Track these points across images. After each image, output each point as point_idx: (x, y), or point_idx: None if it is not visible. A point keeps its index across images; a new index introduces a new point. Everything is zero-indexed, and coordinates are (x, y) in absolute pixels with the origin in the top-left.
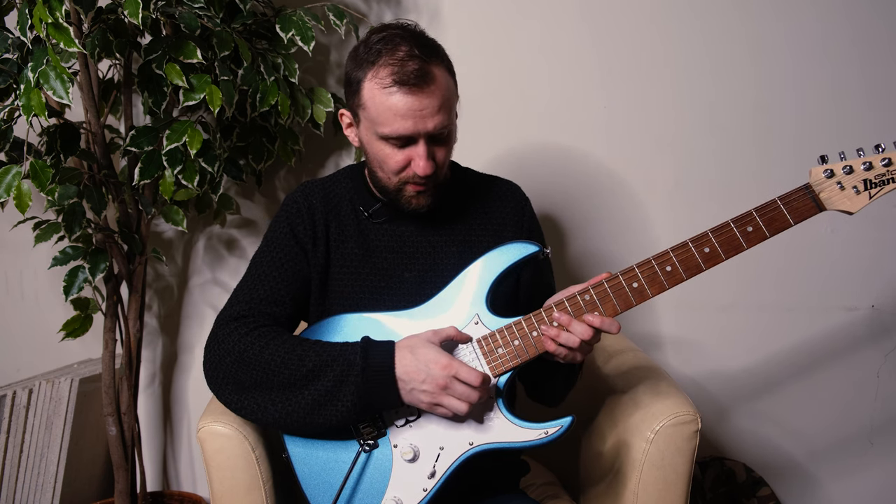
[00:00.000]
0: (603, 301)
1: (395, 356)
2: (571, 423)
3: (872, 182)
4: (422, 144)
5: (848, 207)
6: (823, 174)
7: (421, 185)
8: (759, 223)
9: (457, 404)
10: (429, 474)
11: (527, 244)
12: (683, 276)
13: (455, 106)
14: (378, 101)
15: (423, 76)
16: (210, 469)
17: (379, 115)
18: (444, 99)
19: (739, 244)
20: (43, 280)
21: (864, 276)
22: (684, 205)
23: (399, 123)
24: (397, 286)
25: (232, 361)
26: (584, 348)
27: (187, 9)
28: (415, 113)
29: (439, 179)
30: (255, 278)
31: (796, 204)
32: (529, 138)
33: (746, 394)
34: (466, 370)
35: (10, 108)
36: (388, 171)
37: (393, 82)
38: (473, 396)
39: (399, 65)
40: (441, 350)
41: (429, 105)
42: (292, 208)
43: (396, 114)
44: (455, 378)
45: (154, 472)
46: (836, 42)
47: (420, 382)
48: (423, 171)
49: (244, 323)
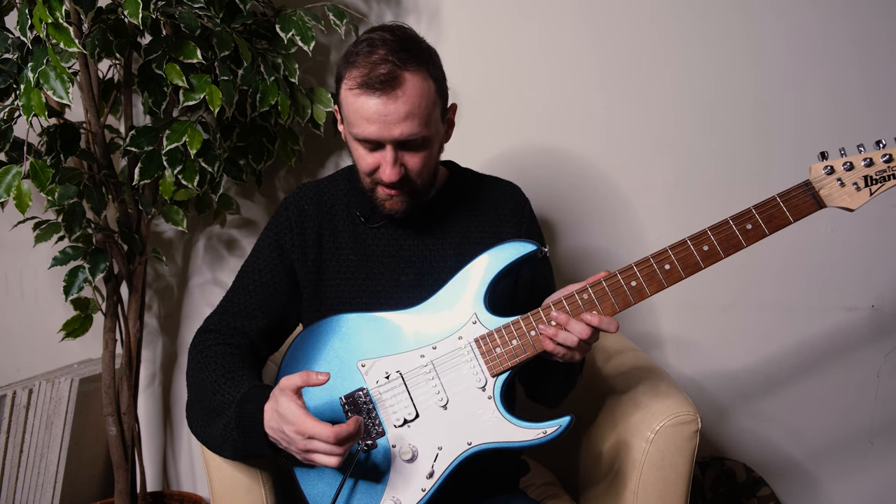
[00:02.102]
0: (601, 300)
1: (265, 411)
2: (570, 422)
3: (873, 178)
4: (389, 150)
5: (848, 204)
6: (823, 171)
7: (391, 190)
8: (758, 221)
9: (326, 460)
10: (427, 474)
11: (524, 243)
12: (682, 274)
13: (435, 113)
14: (348, 102)
15: (389, 82)
16: (210, 469)
17: (349, 116)
18: (414, 106)
19: (739, 242)
20: (43, 280)
21: (864, 276)
22: (684, 204)
23: (364, 127)
24: (394, 290)
25: (189, 374)
26: (582, 347)
27: (187, 9)
28: (380, 118)
29: (415, 186)
30: (234, 289)
31: (796, 201)
32: (529, 138)
33: (746, 394)
34: (319, 429)
35: (10, 108)
36: (363, 172)
37: (359, 84)
38: (337, 450)
39: (369, 68)
40: (296, 405)
41: (395, 111)
42: (282, 216)
43: (362, 117)
44: (312, 438)
45: (154, 472)
46: (836, 42)
47: (287, 444)
48: (388, 177)
49: (208, 337)
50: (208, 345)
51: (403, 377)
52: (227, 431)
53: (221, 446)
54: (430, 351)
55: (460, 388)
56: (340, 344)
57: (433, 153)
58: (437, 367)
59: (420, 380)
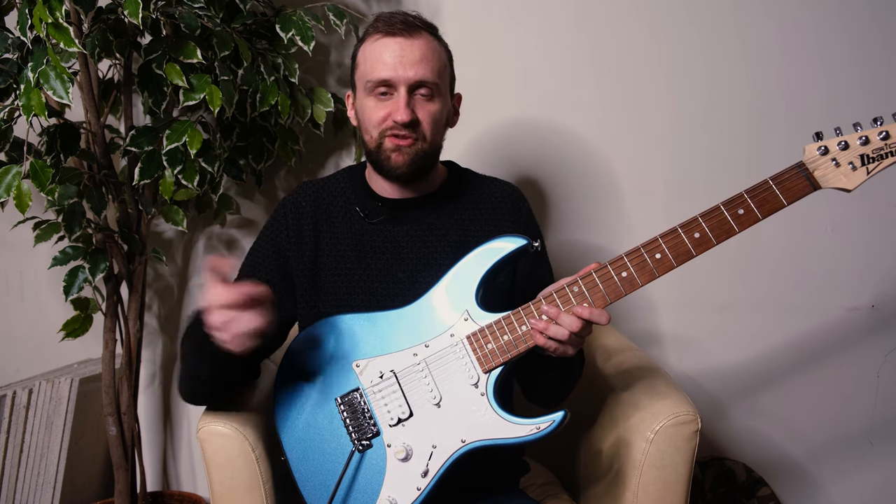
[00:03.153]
0: (592, 291)
1: None
2: (564, 417)
3: (870, 157)
4: (402, 92)
5: (844, 185)
6: (818, 151)
7: (399, 138)
8: (750, 205)
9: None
10: (422, 473)
11: (515, 238)
12: (674, 262)
13: (445, 74)
14: (367, 53)
15: (407, 27)
16: (210, 469)
17: (366, 65)
18: (428, 53)
19: (731, 228)
20: (43, 280)
21: (864, 276)
22: (681, 199)
23: (381, 69)
24: (391, 286)
25: (181, 345)
26: (574, 341)
27: (187, 9)
28: (397, 57)
29: (424, 137)
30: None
31: (789, 183)
32: (526, 136)
33: (746, 394)
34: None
35: (10, 108)
36: (371, 127)
37: (381, 31)
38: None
39: (391, 21)
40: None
41: (410, 53)
42: (279, 213)
43: (379, 58)
44: (210, 307)
45: (154, 472)
46: (830, 38)
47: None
48: (401, 116)
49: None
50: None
51: (397, 376)
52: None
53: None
54: (422, 349)
55: (453, 385)
56: (335, 345)
57: (441, 113)
58: (429, 366)
59: (413, 378)
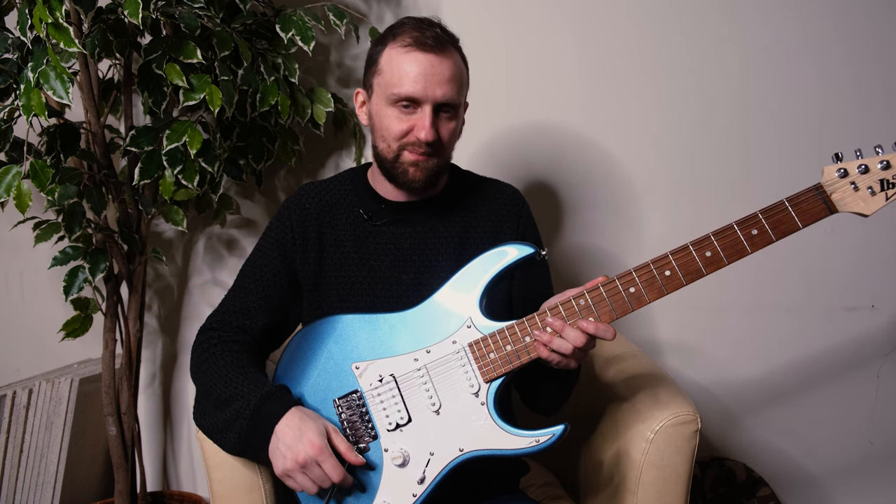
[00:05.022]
0: (598, 306)
1: (286, 414)
2: (564, 430)
3: (890, 182)
4: (428, 111)
5: (862, 210)
6: (836, 174)
7: (420, 155)
8: (764, 226)
9: (307, 484)
10: (418, 479)
11: (522, 245)
12: (683, 281)
13: (465, 91)
14: (395, 62)
15: (440, 45)
16: (210, 469)
17: (393, 75)
18: (456, 72)
19: (743, 248)
20: (43, 280)
21: (864, 277)
22: (684, 205)
23: (409, 84)
24: (394, 288)
25: (194, 370)
26: (577, 355)
27: (187, 9)
28: (427, 76)
29: (443, 155)
30: (236, 288)
31: (805, 206)
32: (527, 139)
33: (746, 394)
34: (332, 464)
35: (10, 108)
36: (391, 138)
37: (412, 43)
38: (326, 483)
39: (420, 31)
40: (324, 436)
41: (441, 71)
42: (283, 214)
43: (409, 73)
44: (317, 464)
45: (154, 472)
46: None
47: (286, 447)
48: (426, 136)
49: (211, 335)
50: (213, 342)
51: (397, 381)
52: (237, 421)
53: (224, 434)
54: (424, 355)
55: (453, 393)
56: (335, 345)
57: (457, 131)
58: (430, 372)
59: (413, 384)
